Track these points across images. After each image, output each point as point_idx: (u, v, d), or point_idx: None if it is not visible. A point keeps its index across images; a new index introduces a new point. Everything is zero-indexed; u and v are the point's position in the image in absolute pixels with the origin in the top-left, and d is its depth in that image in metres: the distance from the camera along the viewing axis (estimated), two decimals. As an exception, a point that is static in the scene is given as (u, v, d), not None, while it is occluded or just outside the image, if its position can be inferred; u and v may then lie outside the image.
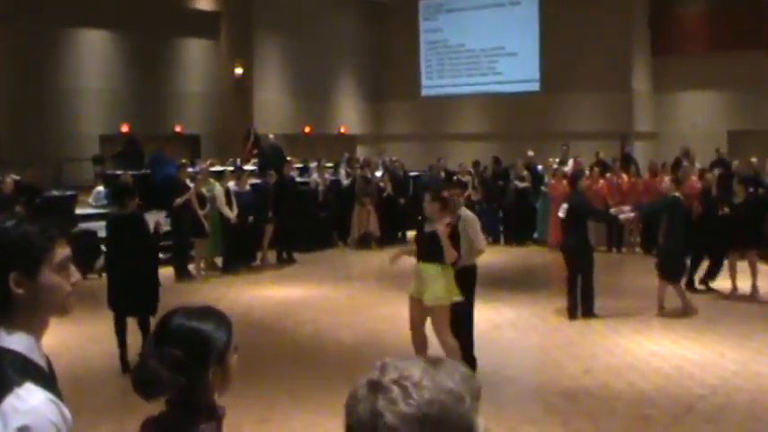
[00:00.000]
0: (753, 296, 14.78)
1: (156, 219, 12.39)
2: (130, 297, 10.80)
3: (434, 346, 9.49)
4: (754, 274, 14.86)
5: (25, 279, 2.56)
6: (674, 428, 8.42)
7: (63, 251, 2.67)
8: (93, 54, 28.00)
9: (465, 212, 10.24)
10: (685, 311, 13.34)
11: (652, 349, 11.44)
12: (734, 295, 14.91)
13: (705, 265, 15.59)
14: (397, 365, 1.66)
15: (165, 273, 17.00)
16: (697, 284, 15.43)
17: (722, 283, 15.31)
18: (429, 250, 9.46)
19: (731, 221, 15.13)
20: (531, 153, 23.66)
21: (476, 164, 24.06)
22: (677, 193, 13.76)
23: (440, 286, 9.41)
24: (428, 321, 9.66)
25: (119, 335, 10.80)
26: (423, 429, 1.58)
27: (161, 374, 2.56)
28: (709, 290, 15.36)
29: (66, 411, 2.54)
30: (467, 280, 9.90)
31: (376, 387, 1.63)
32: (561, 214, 13.59)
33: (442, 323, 9.48)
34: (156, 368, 2.57)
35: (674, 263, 13.47)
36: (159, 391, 2.60)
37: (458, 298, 9.47)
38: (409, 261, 10.01)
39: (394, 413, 1.58)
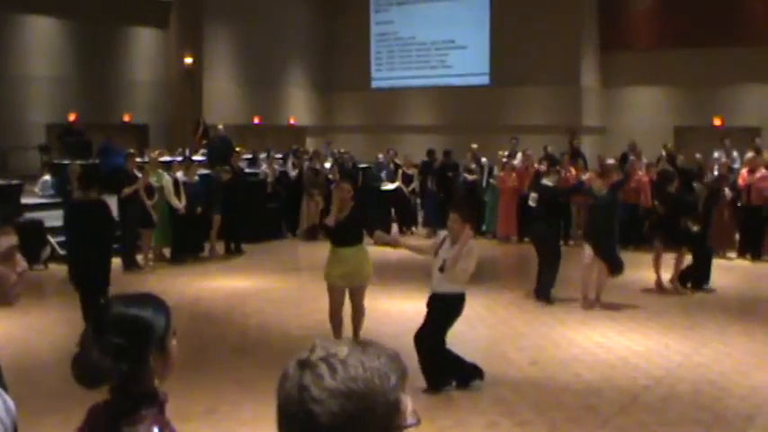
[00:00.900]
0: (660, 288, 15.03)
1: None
2: (93, 278, 11.35)
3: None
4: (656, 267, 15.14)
5: None
6: (619, 418, 8.52)
7: (9, 240, 2.63)
8: (41, 41, 27.67)
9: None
10: (593, 303, 13.55)
11: (598, 341, 11.57)
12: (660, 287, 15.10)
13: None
14: (325, 345, 1.73)
15: (113, 263, 16.87)
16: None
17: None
18: (350, 234, 10.41)
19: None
20: (474, 146, 23.71)
21: (430, 153, 24.05)
22: (602, 187, 13.90)
23: (368, 267, 10.59)
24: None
25: (85, 311, 11.21)
26: (347, 403, 1.64)
27: (103, 364, 2.52)
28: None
29: (10, 402, 2.52)
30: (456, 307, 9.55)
31: (304, 364, 1.70)
32: (532, 203, 13.87)
33: (363, 295, 10.71)
34: (98, 358, 2.52)
35: (612, 254, 13.56)
36: (101, 380, 2.56)
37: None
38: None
39: (319, 387, 1.65)
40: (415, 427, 1.73)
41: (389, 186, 22.48)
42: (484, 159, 23.14)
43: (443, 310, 9.45)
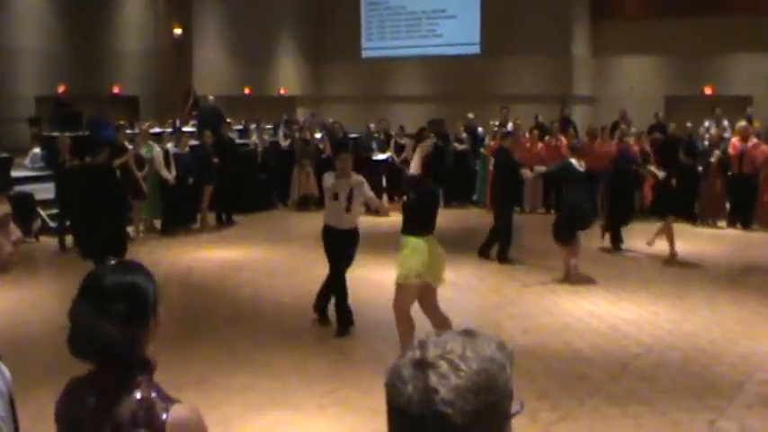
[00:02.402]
0: (671, 260, 14.96)
1: None
2: (105, 242, 12.07)
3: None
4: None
5: None
6: (609, 386, 8.58)
7: (2, 209, 2.63)
8: (28, 12, 27.46)
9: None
10: (565, 277, 13.41)
11: (589, 309, 11.62)
12: (673, 259, 15.01)
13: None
14: (436, 341, 1.68)
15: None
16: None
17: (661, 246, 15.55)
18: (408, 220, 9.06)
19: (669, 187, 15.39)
20: (471, 115, 23.71)
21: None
22: (572, 159, 13.87)
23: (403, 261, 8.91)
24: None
25: None
26: (476, 399, 1.61)
27: (112, 334, 2.51)
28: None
29: (6, 370, 2.53)
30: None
31: (422, 364, 1.64)
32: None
33: (397, 296, 9.05)
34: (108, 328, 2.51)
35: (563, 226, 13.52)
36: (109, 351, 2.53)
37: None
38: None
39: (448, 387, 1.60)
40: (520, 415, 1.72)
41: (379, 156, 22.45)
42: (480, 129, 23.13)
43: (356, 242, 10.65)
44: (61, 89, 26.69)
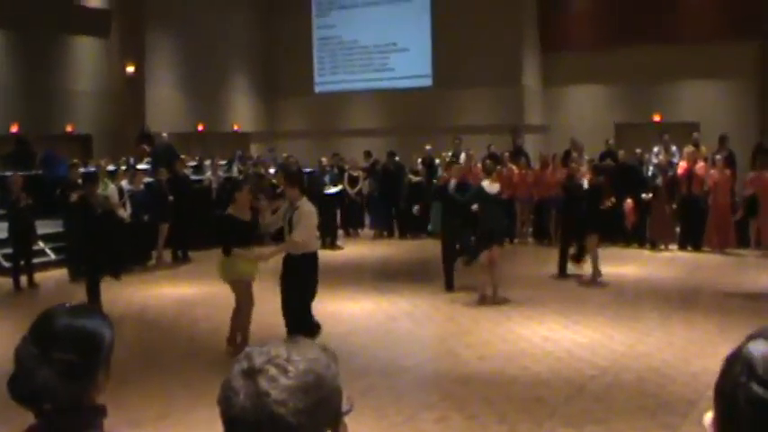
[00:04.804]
0: (593, 281, 15.44)
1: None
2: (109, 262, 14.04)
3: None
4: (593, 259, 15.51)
5: None
6: (566, 408, 8.68)
7: None
8: (-22, 53, 27.34)
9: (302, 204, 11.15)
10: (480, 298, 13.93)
11: (544, 335, 11.75)
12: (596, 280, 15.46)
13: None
14: (261, 350, 1.73)
15: (59, 273, 16.77)
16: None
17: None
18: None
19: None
20: (428, 147, 23.92)
21: (368, 154, 24.44)
22: (485, 182, 14.25)
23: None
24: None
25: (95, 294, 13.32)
26: (307, 397, 1.66)
27: (52, 383, 2.32)
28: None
29: None
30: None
31: (251, 372, 1.68)
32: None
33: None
34: (47, 376, 2.33)
35: (477, 244, 14.10)
36: (46, 399, 2.33)
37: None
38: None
39: (278, 389, 1.65)
40: (350, 414, 1.79)
41: (332, 189, 22.52)
42: (437, 161, 23.29)
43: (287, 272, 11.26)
44: (14, 128, 26.54)
